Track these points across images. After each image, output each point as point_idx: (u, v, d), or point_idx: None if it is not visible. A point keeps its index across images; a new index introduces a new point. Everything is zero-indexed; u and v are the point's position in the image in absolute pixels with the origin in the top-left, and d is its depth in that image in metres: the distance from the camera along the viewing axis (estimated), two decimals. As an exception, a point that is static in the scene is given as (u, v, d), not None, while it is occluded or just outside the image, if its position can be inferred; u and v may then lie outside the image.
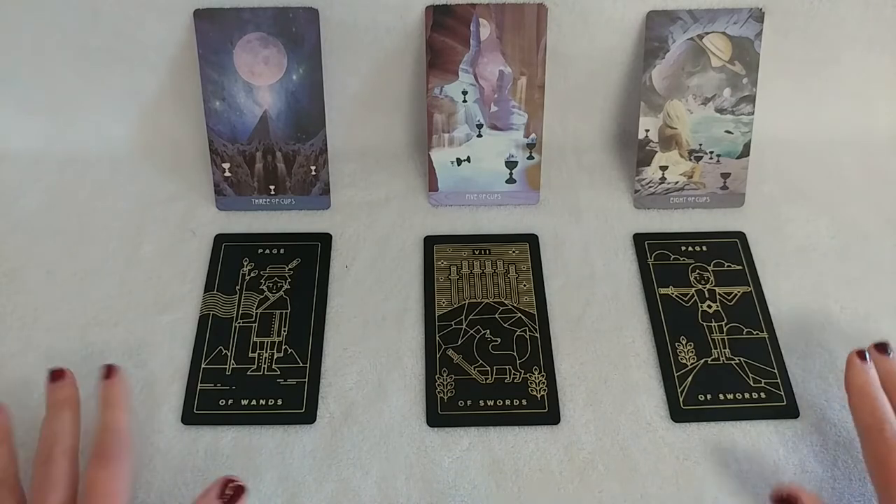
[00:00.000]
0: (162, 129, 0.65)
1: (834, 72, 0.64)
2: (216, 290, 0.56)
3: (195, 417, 0.50)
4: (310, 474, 0.48)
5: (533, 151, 0.61)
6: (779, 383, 0.51)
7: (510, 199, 0.62)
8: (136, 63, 0.61)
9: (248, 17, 0.57)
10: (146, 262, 0.58)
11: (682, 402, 0.51)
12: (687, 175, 0.62)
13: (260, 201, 0.62)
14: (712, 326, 0.54)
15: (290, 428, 0.50)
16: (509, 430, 0.50)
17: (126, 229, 0.60)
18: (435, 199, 0.62)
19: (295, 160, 0.61)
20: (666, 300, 0.56)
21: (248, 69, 0.58)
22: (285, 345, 0.53)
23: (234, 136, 0.60)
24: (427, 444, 0.49)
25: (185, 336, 0.54)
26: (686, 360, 0.53)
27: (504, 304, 0.56)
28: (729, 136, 0.61)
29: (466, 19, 0.58)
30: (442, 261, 0.58)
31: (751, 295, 0.56)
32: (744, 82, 0.59)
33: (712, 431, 0.50)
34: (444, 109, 0.60)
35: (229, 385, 0.51)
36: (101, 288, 0.57)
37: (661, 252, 0.59)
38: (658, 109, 0.60)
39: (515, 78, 0.59)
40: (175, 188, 0.63)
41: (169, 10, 0.58)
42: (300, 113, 0.60)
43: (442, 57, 0.59)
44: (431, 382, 0.52)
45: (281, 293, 0.56)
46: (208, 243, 0.59)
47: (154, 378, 0.52)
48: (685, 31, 0.59)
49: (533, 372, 0.52)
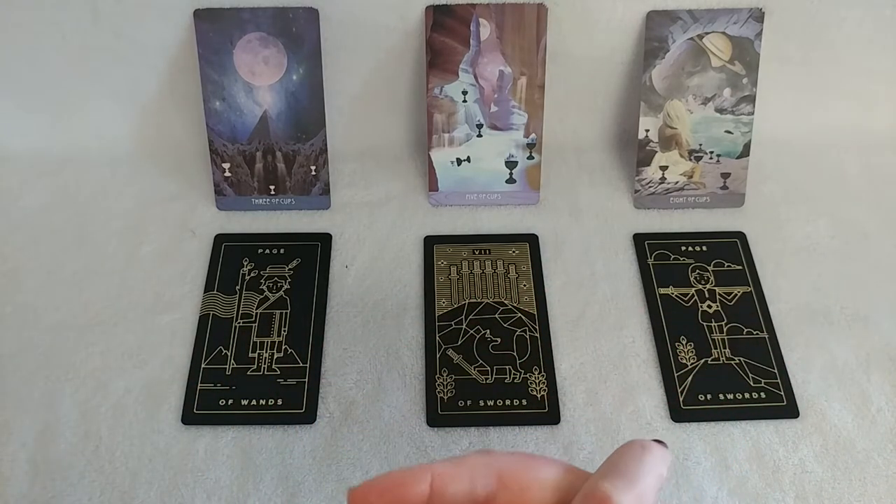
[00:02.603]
0: (162, 129, 0.65)
1: (834, 72, 0.64)
2: (216, 290, 0.56)
3: (195, 417, 0.50)
4: (310, 474, 0.48)
5: (533, 151, 0.61)
6: (779, 383, 0.51)
7: (510, 199, 0.62)
8: (136, 63, 0.61)
9: (248, 17, 0.57)
10: (146, 262, 0.58)
11: (682, 402, 0.51)
12: (687, 175, 0.62)
13: (260, 201, 0.62)
14: (712, 326, 0.54)
15: (290, 428, 0.50)
16: (509, 430, 0.50)
17: (126, 229, 0.60)
18: (435, 199, 0.62)
19: (295, 160, 0.61)
20: (666, 300, 0.56)
21: (248, 69, 0.58)
22: (285, 345, 0.53)
23: (234, 136, 0.60)
24: (427, 444, 0.49)
25: (185, 336, 0.54)
26: (686, 360, 0.53)
27: (504, 304, 0.56)
28: (729, 136, 0.61)
29: (466, 19, 0.58)
30: (442, 261, 0.58)
31: (751, 295, 0.56)
32: (744, 82, 0.59)
33: (712, 431, 0.50)
34: (444, 109, 0.60)
35: (229, 385, 0.51)
36: (101, 288, 0.57)
37: (661, 252, 0.59)
38: (658, 109, 0.60)
39: (515, 78, 0.59)
40: (175, 188, 0.63)
41: (169, 10, 0.58)
42: (300, 113, 0.60)
43: (442, 57, 0.59)
44: (431, 382, 0.52)
45: (281, 293, 0.56)
46: (208, 243, 0.59)
47: (154, 378, 0.52)
48: (685, 31, 0.58)
49: (533, 372, 0.52)
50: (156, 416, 0.50)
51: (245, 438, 0.49)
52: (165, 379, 0.52)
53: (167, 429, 0.50)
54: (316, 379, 0.52)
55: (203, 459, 0.48)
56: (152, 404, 0.51)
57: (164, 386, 0.52)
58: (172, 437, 0.49)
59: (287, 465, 0.48)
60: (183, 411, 0.50)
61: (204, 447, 0.49)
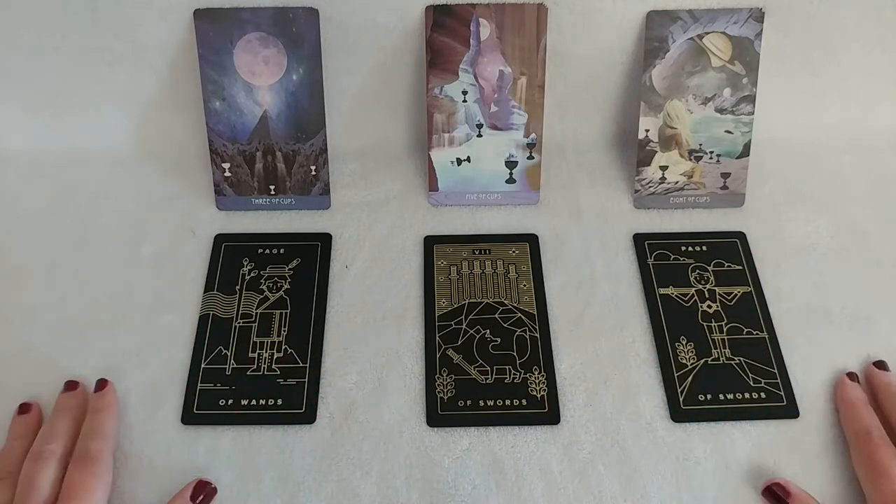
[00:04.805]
0: (162, 129, 0.65)
1: (834, 72, 0.64)
2: (216, 290, 0.56)
3: (195, 417, 0.50)
4: (310, 474, 0.48)
5: (533, 151, 0.61)
6: (779, 383, 0.51)
7: (510, 199, 0.62)
8: (136, 63, 0.61)
9: (248, 17, 0.57)
10: (146, 262, 0.58)
11: (682, 402, 0.51)
12: (687, 175, 0.62)
13: (260, 201, 0.62)
14: (712, 326, 0.54)
15: (290, 428, 0.50)
16: (509, 430, 0.50)
17: (126, 229, 0.60)
18: (435, 199, 0.62)
19: (295, 160, 0.61)
20: (666, 300, 0.56)
21: (248, 69, 0.58)
22: (285, 345, 0.53)
23: (234, 136, 0.60)
24: (427, 444, 0.49)
25: (185, 336, 0.54)
26: (686, 360, 0.53)
27: (504, 304, 0.56)
28: (729, 136, 0.61)
29: (466, 19, 0.58)
30: (442, 261, 0.58)
31: (751, 295, 0.56)
32: (744, 82, 0.59)
33: (712, 431, 0.50)
34: (444, 109, 0.60)
35: (229, 385, 0.51)
36: (101, 288, 0.57)
37: (661, 252, 0.59)
38: (658, 109, 0.60)
39: (515, 78, 0.59)
40: (175, 188, 0.63)
41: (169, 10, 0.58)
42: (300, 113, 0.60)
43: (442, 57, 0.59)
44: (431, 382, 0.52)
45: (281, 293, 0.56)
46: (208, 243, 0.59)
47: (154, 378, 0.52)
48: (685, 31, 0.58)
49: (533, 372, 0.52)
50: (156, 416, 0.50)
51: (245, 438, 0.49)
52: (165, 379, 0.52)
53: (167, 429, 0.50)
54: (316, 379, 0.52)
55: (203, 459, 0.48)
56: (152, 404, 0.51)
57: (164, 386, 0.52)
58: (172, 437, 0.49)
59: (287, 465, 0.48)
60: (183, 411, 0.50)
61: (204, 447, 0.49)
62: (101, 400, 0.49)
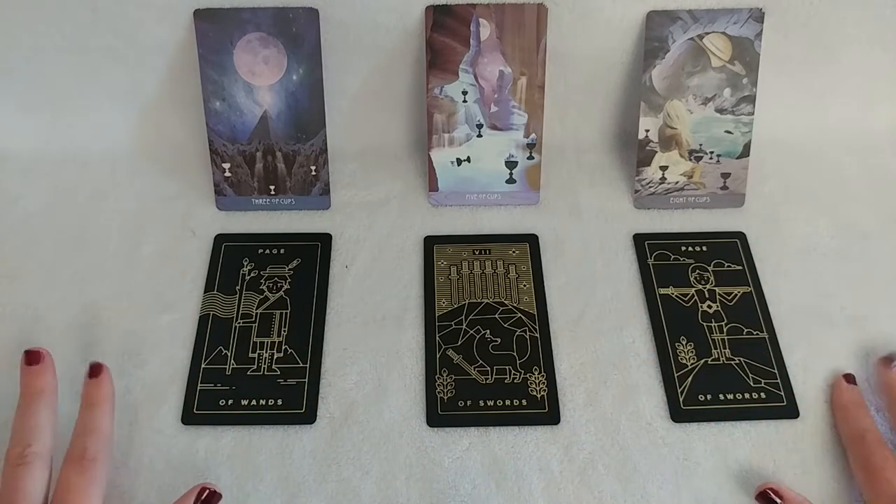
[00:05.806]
0: (162, 129, 0.65)
1: (834, 72, 0.64)
2: (216, 290, 0.56)
3: (195, 417, 0.50)
4: (310, 474, 0.48)
5: (533, 151, 0.61)
6: (779, 383, 0.51)
7: (510, 199, 0.62)
8: (136, 63, 0.61)
9: (248, 17, 0.57)
10: (146, 262, 0.58)
11: (682, 403, 0.51)
12: (687, 175, 0.62)
13: (260, 201, 0.62)
14: (712, 326, 0.54)
15: (290, 428, 0.50)
16: (509, 430, 0.50)
17: (126, 229, 0.60)
18: (435, 199, 0.62)
19: (295, 160, 0.61)
20: (666, 300, 0.56)
21: (248, 69, 0.58)
22: (285, 345, 0.53)
23: (234, 136, 0.60)
24: (427, 444, 0.49)
25: (185, 336, 0.54)
26: (686, 361, 0.53)
27: (504, 304, 0.56)
28: (729, 136, 0.61)
29: (466, 19, 0.58)
30: (442, 261, 0.58)
31: (751, 295, 0.56)
32: (744, 82, 0.59)
33: (712, 431, 0.50)
34: (444, 109, 0.60)
35: (229, 385, 0.51)
36: (101, 288, 0.57)
37: (661, 252, 0.59)
38: (658, 109, 0.60)
39: (515, 78, 0.59)
40: (175, 188, 0.63)
41: (169, 10, 0.58)
42: (300, 113, 0.60)
43: (442, 57, 0.59)
44: (431, 382, 0.52)
45: (281, 293, 0.56)
46: (208, 243, 0.59)
47: (154, 378, 0.52)
48: (685, 31, 0.58)
49: (533, 372, 0.52)
50: (156, 416, 0.50)
51: (245, 438, 0.49)
52: (165, 379, 0.52)
53: (167, 429, 0.50)
54: (316, 379, 0.52)
55: (203, 459, 0.48)
56: (152, 404, 0.51)
57: (164, 386, 0.52)
58: (172, 437, 0.49)
59: (287, 466, 0.48)
60: (183, 411, 0.50)
61: (204, 447, 0.49)
62: (98, 392, 0.46)
